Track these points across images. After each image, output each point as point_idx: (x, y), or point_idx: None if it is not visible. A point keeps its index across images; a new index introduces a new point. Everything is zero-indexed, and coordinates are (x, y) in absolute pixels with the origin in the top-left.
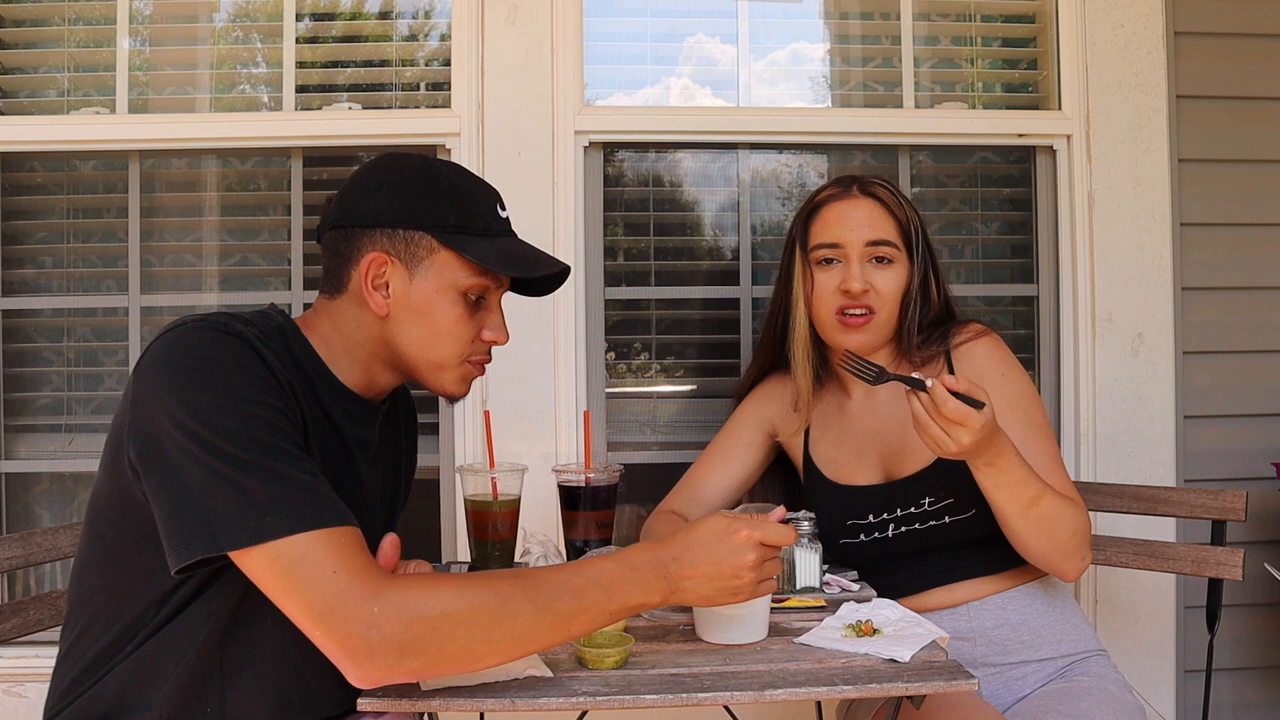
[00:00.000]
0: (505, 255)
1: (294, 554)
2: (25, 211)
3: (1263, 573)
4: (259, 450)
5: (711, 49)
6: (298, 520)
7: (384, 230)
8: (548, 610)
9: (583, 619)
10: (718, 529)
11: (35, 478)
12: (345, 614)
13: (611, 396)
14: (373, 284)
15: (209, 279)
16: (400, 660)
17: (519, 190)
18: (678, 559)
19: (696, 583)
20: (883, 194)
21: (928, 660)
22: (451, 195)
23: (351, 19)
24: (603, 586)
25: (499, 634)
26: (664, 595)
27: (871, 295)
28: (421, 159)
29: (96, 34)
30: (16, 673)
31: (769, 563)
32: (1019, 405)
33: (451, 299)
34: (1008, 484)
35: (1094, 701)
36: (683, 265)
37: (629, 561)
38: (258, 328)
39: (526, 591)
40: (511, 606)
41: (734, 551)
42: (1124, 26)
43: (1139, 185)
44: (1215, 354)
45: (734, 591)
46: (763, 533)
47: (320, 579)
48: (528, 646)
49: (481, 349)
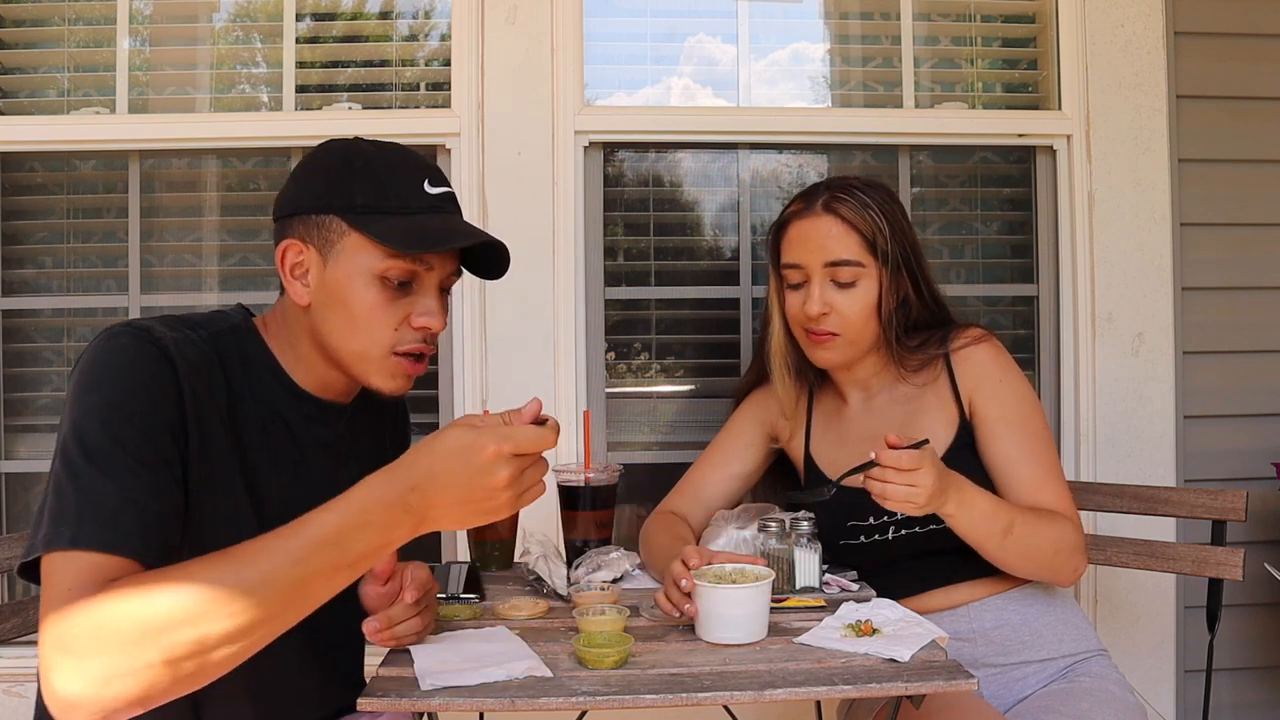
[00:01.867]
0: (413, 232)
1: (54, 568)
2: (25, 211)
3: (1263, 573)
4: (99, 462)
5: (711, 49)
6: (81, 535)
7: (299, 217)
8: (266, 587)
9: (319, 584)
10: (460, 447)
11: (35, 478)
12: (50, 636)
13: (611, 396)
14: (292, 272)
15: (209, 279)
16: (103, 690)
17: (519, 190)
18: (418, 488)
19: (446, 510)
20: (844, 210)
21: (927, 660)
22: (364, 174)
23: (351, 19)
24: (329, 543)
25: (215, 630)
26: (410, 529)
27: (832, 318)
28: (348, 142)
29: (96, 34)
30: (17, 673)
31: (529, 471)
32: (1015, 412)
33: (365, 283)
34: (978, 517)
35: (1095, 702)
36: (683, 265)
37: (355, 506)
38: (206, 330)
39: (236, 572)
40: (220, 595)
41: (483, 472)
42: (1124, 26)
43: (1139, 185)
44: (1215, 354)
45: (492, 512)
46: (514, 443)
47: (50, 598)
48: (260, 633)
49: (412, 337)
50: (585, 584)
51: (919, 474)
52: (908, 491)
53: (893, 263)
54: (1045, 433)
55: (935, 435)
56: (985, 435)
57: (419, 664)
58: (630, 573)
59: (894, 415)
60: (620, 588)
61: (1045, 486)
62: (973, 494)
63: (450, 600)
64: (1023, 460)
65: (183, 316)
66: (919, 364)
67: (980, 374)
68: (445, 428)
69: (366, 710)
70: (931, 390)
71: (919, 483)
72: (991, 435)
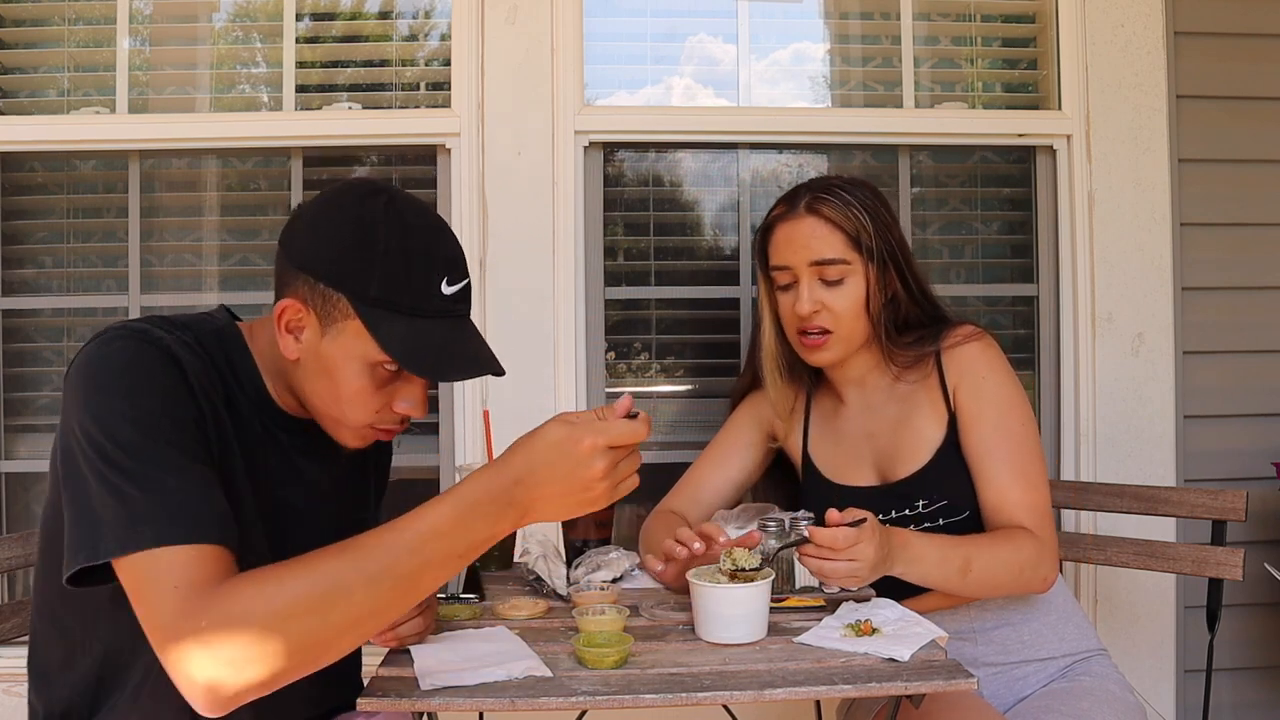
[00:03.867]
0: (420, 347)
1: (144, 567)
2: (25, 211)
3: (1263, 573)
4: (150, 461)
5: (711, 49)
6: (165, 532)
7: (306, 278)
8: (386, 577)
9: (431, 574)
10: (559, 441)
11: (35, 478)
12: (177, 635)
13: (611, 396)
14: (287, 328)
15: (209, 279)
16: (237, 676)
17: (519, 190)
18: (521, 481)
19: (548, 502)
20: (827, 209)
21: (927, 659)
22: (383, 261)
23: (351, 19)
24: (442, 534)
25: (338, 618)
26: (516, 521)
27: (824, 315)
28: (373, 205)
29: (96, 34)
30: (17, 672)
31: (624, 463)
32: (993, 410)
33: (357, 369)
34: (931, 568)
35: (1095, 702)
36: (683, 265)
37: (467, 499)
38: (192, 331)
39: (357, 564)
40: (344, 585)
41: (581, 464)
42: (1124, 26)
43: (1139, 185)
44: (1215, 354)
45: (591, 503)
46: (608, 437)
47: (160, 595)
48: (377, 621)
49: (392, 419)
50: (585, 584)
51: (860, 548)
52: (849, 567)
53: (879, 258)
54: (1024, 432)
55: (927, 433)
56: (962, 431)
57: (419, 664)
58: (630, 573)
59: (889, 413)
60: (620, 588)
61: (1014, 487)
62: (920, 548)
63: (450, 600)
64: (993, 459)
65: (169, 318)
66: (911, 361)
67: (964, 369)
68: (544, 424)
69: (366, 710)
70: (923, 388)
71: (859, 557)
72: (966, 431)
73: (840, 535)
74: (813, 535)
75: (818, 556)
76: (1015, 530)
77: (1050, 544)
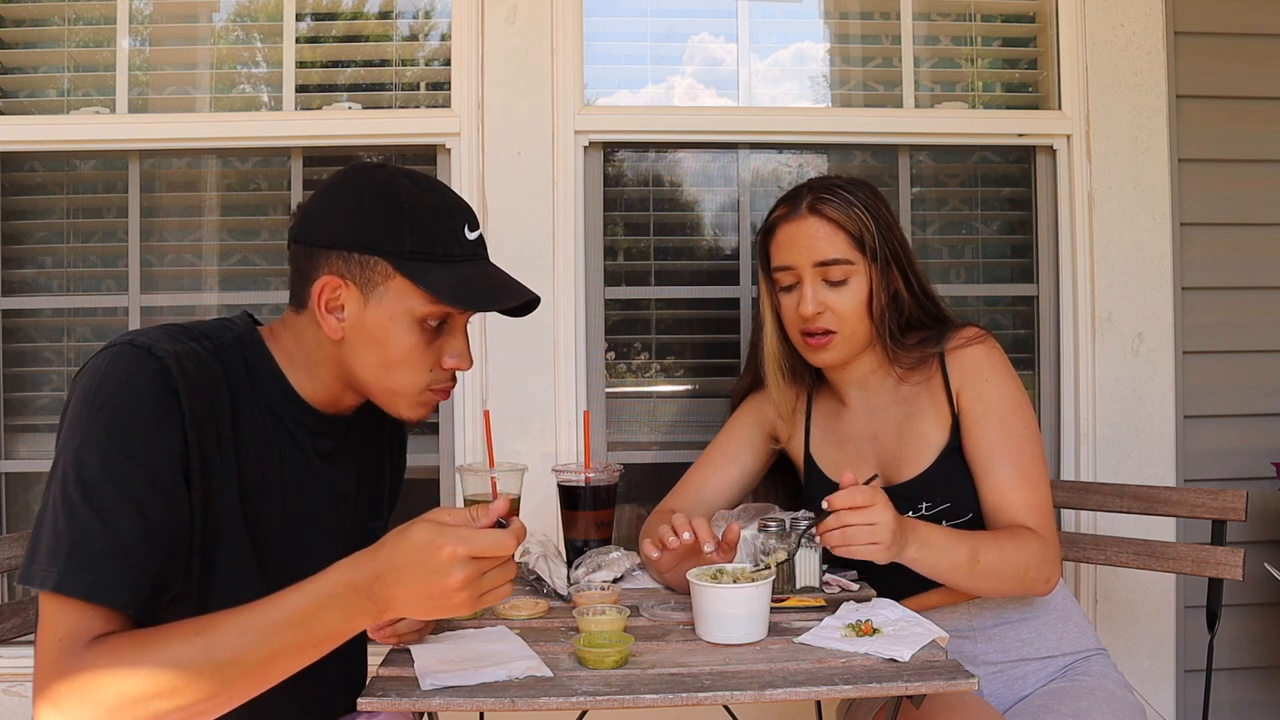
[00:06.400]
0: (463, 286)
1: (48, 607)
2: (25, 211)
3: (1263, 573)
4: (93, 497)
5: (711, 48)
6: (65, 580)
7: (339, 253)
8: (235, 663)
9: (282, 662)
10: (420, 544)
11: (35, 478)
12: (41, 687)
13: (611, 396)
14: (326, 307)
15: (209, 279)
16: None
17: (519, 190)
18: (380, 578)
19: (405, 601)
20: (829, 210)
21: (927, 659)
22: (411, 218)
23: (352, 19)
24: (295, 624)
25: (186, 700)
26: (374, 615)
27: (827, 316)
28: (385, 174)
29: (96, 34)
30: (17, 673)
31: (492, 573)
32: (996, 412)
33: (407, 327)
34: (942, 554)
35: (1094, 701)
36: (683, 265)
37: (324, 590)
38: (212, 340)
39: (208, 649)
40: (193, 669)
41: (439, 571)
42: (1124, 26)
43: (1139, 185)
44: (1215, 354)
45: (450, 609)
46: (470, 547)
47: (46, 640)
48: (227, 701)
49: (443, 376)
50: (585, 584)
51: (875, 510)
52: (869, 531)
53: (881, 259)
54: (1025, 434)
55: (930, 435)
56: (965, 433)
57: (419, 663)
58: (631, 573)
59: (892, 415)
60: (620, 588)
61: (1016, 489)
62: (930, 534)
63: None
64: (995, 461)
65: (187, 326)
66: (914, 363)
67: (968, 372)
68: (415, 520)
69: (366, 710)
70: (927, 390)
71: (877, 519)
72: (969, 434)
73: (859, 492)
74: (830, 502)
75: (838, 526)
76: (1021, 530)
77: (1054, 546)
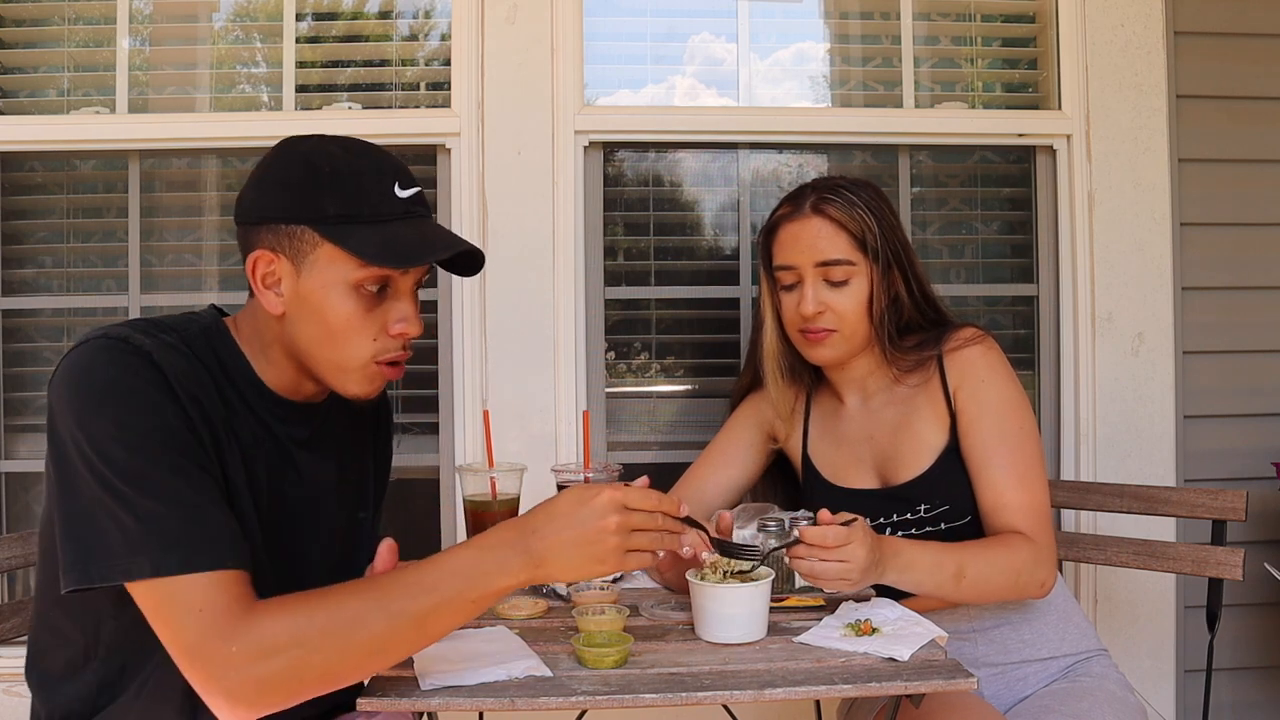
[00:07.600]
0: (392, 244)
1: (162, 591)
2: (25, 211)
3: (1263, 573)
4: (141, 483)
5: (711, 48)
6: (163, 562)
7: (269, 226)
8: (403, 614)
9: (443, 615)
10: (578, 491)
11: (35, 478)
12: (207, 656)
13: (611, 396)
14: (264, 283)
15: (209, 279)
16: (260, 697)
17: (519, 190)
18: (538, 530)
19: (560, 552)
20: (832, 210)
21: (927, 659)
22: (333, 183)
23: (352, 19)
24: (459, 574)
25: (355, 650)
26: (529, 572)
27: (828, 316)
28: (310, 143)
29: (96, 34)
30: (17, 673)
31: (638, 534)
32: (993, 412)
33: (342, 294)
34: (925, 574)
35: (1095, 702)
36: (683, 265)
37: (486, 544)
38: (179, 333)
39: (379, 600)
40: (365, 619)
41: (595, 514)
42: (1124, 26)
43: (1139, 185)
44: (1215, 354)
45: (600, 559)
46: (624, 494)
47: (185, 618)
48: (389, 655)
49: (392, 345)
50: (585, 584)
51: (849, 549)
52: (840, 568)
53: (883, 260)
54: (1022, 434)
55: (928, 437)
56: (962, 434)
57: (419, 664)
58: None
59: (890, 416)
60: (620, 587)
61: (1012, 490)
62: (912, 555)
63: None
64: (991, 461)
65: (155, 320)
66: (913, 364)
67: (965, 372)
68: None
69: (366, 710)
70: (925, 391)
71: (850, 558)
72: (966, 434)
73: (830, 533)
74: (803, 534)
75: (808, 557)
76: (1010, 535)
77: (1048, 548)
